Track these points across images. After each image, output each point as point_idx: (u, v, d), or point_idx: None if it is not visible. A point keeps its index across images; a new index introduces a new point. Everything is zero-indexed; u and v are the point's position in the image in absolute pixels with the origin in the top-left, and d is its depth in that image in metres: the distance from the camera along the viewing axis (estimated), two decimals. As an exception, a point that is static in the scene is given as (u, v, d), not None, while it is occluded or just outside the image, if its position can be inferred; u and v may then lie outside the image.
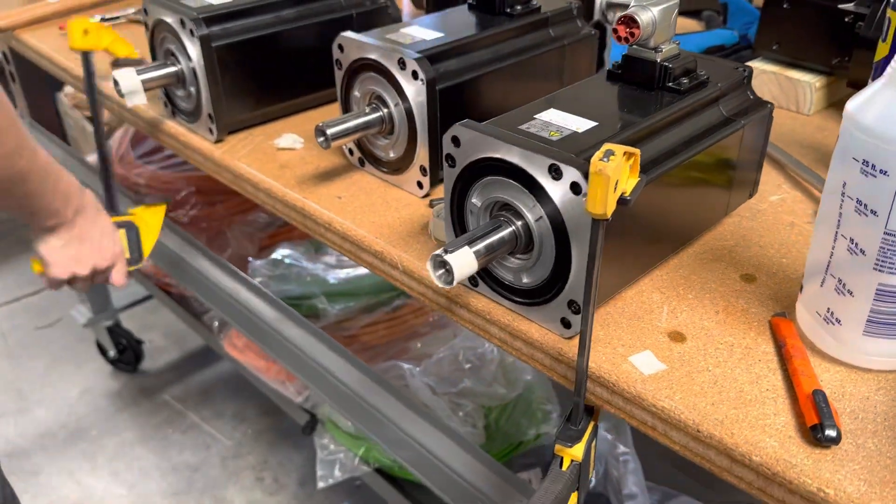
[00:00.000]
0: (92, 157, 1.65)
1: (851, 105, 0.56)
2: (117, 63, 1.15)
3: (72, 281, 0.93)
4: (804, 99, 1.02)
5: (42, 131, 1.74)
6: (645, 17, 0.65)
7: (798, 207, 0.82)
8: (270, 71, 0.99)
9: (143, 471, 1.81)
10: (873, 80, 0.81)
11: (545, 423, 1.35)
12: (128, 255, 1.02)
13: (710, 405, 0.57)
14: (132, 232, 1.03)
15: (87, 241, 0.91)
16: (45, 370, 2.10)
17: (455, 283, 0.59)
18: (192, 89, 0.97)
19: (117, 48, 1.08)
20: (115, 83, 0.94)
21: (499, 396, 1.32)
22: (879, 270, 0.55)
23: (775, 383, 0.59)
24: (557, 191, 0.59)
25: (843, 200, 0.57)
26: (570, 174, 0.57)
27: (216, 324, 1.63)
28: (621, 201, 0.54)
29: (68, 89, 2.02)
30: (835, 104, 1.06)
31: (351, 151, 0.92)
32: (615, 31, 0.67)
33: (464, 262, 0.59)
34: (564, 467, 0.63)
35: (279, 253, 1.47)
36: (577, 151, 0.60)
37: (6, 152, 0.75)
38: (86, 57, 1.05)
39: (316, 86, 1.05)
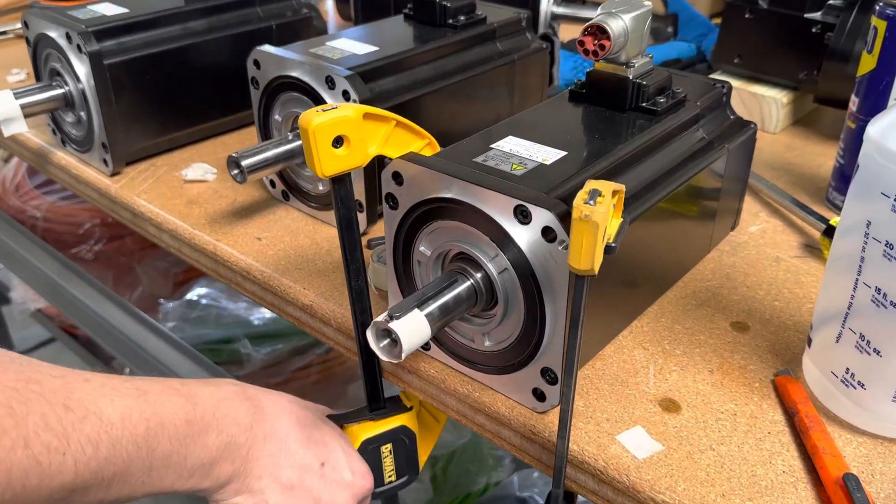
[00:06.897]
0: None
1: (874, 129, 0.47)
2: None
3: None
4: (770, 116, 0.94)
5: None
6: (616, 26, 0.55)
7: (781, 239, 0.73)
8: (176, 91, 0.86)
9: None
10: (856, 95, 0.74)
11: (496, 470, 1.24)
12: (392, 479, 0.62)
13: (720, 496, 0.47)
14: (403, 445, 0.62)
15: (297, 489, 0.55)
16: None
17: (404, 356, 0.47)
18: (83, 114, 0.83)
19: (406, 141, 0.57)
20: (-13, 108, 0.79)
21: (445, 443, 1.20)
22: (917, 327, 0.46)
23: (792, 463, 0.49)
24: (525, 237, 0.47)
25: (866, 242, 0.47)
26: (541, 217, 0.46)
27: (127, 370, 1.46)
28: (605, 250, 0.43)
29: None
30: (801, 121, 0.98)
31: (273, 184, 0.79)
32: (581, 43, 0.56)
33: (413, 329, 0.47)
34: (543, 570, 0.51)
35: (195, 293, 1.31)
36: (547, 189, 0.49)
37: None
38: (340, 184, 0.54)
39: (231, 108, 0.92)
